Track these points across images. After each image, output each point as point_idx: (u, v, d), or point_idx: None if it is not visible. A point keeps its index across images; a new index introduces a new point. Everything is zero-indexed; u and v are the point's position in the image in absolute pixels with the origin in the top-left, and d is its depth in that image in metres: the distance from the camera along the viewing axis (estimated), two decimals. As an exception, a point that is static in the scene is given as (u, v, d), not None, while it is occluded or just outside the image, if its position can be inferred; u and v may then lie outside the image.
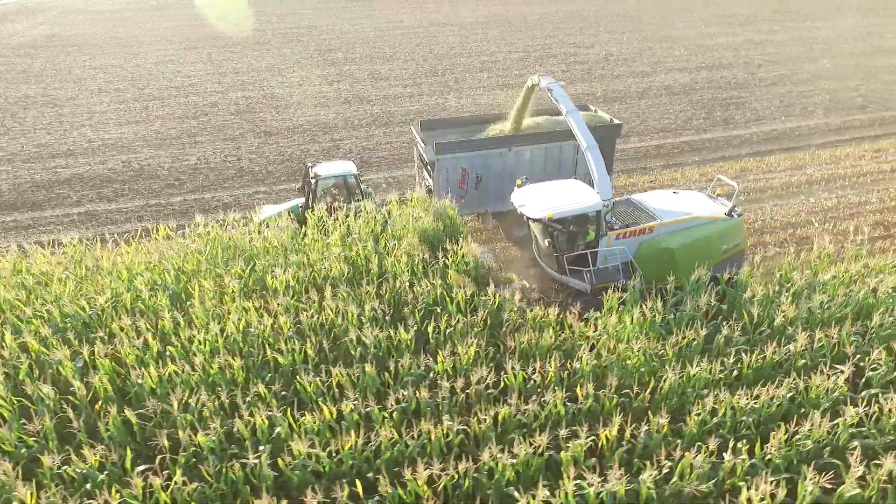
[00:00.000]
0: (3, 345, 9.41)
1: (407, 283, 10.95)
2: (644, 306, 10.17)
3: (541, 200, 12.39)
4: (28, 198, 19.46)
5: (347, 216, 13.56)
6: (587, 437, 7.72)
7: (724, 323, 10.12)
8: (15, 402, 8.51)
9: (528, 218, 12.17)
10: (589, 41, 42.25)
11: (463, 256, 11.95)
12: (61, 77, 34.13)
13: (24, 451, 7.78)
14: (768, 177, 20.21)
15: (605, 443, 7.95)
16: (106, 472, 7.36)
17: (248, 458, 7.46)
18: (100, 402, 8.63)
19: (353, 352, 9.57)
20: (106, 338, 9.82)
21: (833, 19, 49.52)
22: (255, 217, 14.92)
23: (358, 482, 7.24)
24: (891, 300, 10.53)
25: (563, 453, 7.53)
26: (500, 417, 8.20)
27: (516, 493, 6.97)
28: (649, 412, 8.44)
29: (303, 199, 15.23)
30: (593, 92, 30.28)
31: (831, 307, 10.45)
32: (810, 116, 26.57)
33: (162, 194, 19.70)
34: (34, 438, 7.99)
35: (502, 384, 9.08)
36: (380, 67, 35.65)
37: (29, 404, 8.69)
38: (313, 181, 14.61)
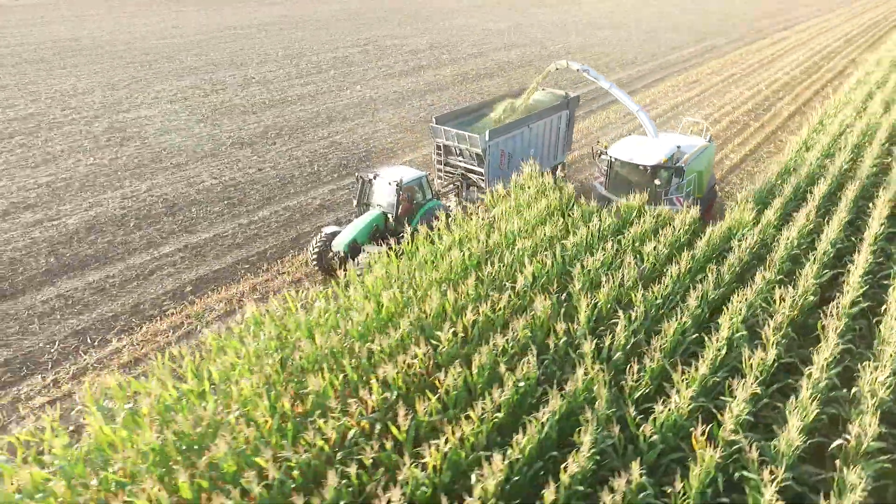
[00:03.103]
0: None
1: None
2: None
3: (640, 152, 16.06)
4: (75, 254, 15.46)
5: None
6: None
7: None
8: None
9: (643, 165, 15.39)
10: (402, 33, 47.18)
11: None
12: None
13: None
14: (659, 103, 29.50)
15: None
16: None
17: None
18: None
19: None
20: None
21: (558, 6, 65.09)
22: (325, 241, 13.90)
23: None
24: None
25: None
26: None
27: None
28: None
29: (371, 214, 14.26)
30: (466, 72, 35.86)
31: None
32: (630, 67, 37.58)
33: (239, 214, 17.97)
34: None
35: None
36: (244, 73, 34.06)
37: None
38: (397, 188, 13.93)
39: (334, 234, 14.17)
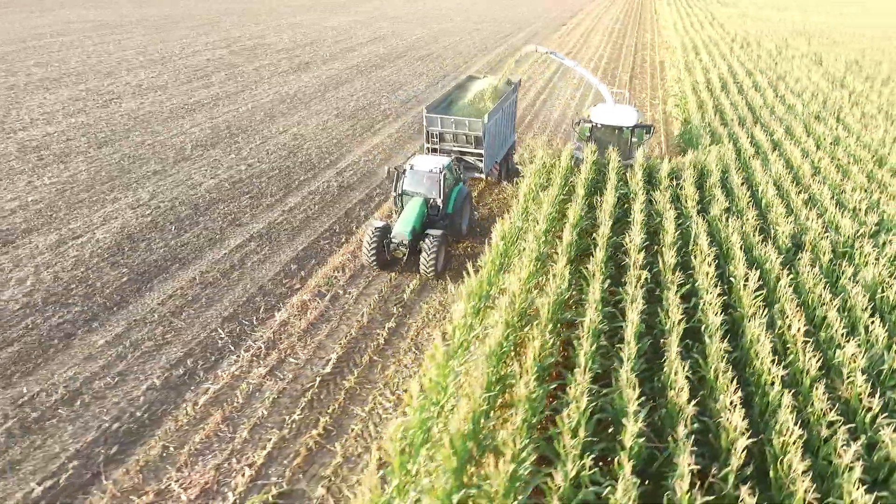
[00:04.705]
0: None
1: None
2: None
3: (618, 116, 20.02)
4: (142, 262, 14.80)
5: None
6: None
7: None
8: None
9: (625, 126, 19.69)
10: (256, 33, 46.27)
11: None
12: None
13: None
14: (535, 79, 35.07)
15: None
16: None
17: None
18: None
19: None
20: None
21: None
22: (380, 235, 14.36)
23: None
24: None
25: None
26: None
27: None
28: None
29: (416, 202, 15.07)
30: (356, 65, 37.67)
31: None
32: (487, 52, 42.66)
33: (272, 205, 18.36)
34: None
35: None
36: (123, 80, 31.29)
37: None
38: (441, 175, 15.01)
39: (385, 228, 14.60)
